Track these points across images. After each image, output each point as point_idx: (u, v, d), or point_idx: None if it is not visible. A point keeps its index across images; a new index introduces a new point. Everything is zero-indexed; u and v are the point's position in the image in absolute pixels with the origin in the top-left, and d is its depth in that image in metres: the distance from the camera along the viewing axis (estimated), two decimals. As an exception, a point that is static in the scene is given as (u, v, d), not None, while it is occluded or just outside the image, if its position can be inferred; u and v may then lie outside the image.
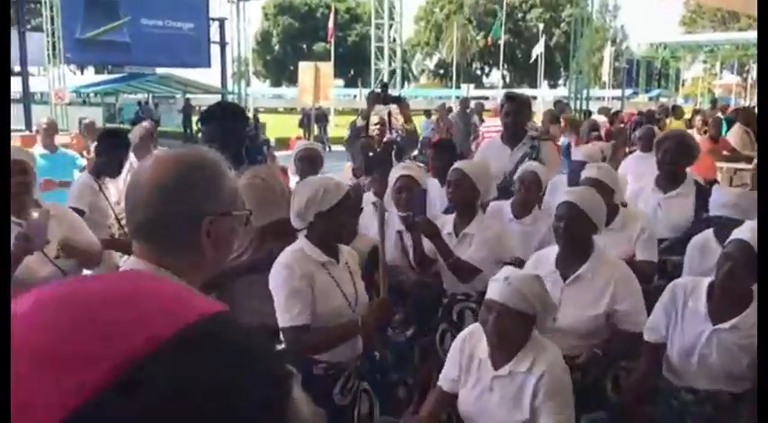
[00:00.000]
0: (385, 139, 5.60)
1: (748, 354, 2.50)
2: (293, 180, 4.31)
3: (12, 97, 37.99)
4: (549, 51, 46.86)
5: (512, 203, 3.87)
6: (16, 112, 23.68)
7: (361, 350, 2.80)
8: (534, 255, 3.25)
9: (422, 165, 4.29)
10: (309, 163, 4.35)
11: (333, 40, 36.52)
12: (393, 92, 6.36)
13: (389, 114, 6.19)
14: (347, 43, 55.93)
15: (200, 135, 3.61)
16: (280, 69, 61.19)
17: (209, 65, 24.85)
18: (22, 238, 2.65)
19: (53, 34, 19.74)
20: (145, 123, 6.26)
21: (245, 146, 3.19)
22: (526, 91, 44.96)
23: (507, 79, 64.75)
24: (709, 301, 2.62)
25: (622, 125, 12.79)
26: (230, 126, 3.28)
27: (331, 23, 34.28)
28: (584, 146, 5.89)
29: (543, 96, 35.66)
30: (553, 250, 3.05)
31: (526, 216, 3.82)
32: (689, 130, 11.60)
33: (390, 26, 26.34)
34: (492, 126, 11.32)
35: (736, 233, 2.58)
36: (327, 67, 12.46)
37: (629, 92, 40.45)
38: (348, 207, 2.72)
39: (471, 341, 2.54)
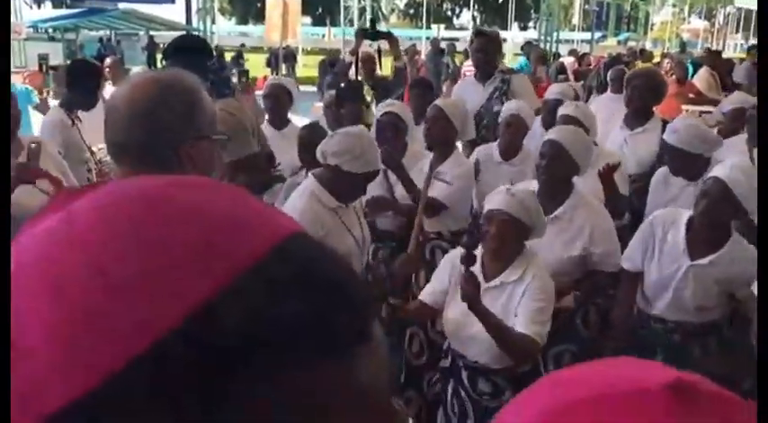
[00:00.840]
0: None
1: (720, 286, 2.63)
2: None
3: None
4: (519, -8, 46.25)
5: (498, 146, 3.85)
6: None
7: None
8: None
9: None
10: (275, 100, 4.23)
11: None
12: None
13: (379, 51, 6.07)
14: (315, -20, 54.48)
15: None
16: (245, 6, 59.42)
17: (172, 0, 24.10)
18: (21, 166, 2.59)
19: (7, -35, 18.88)
20: (110, 58, 6.15)
21: (210, 79, 3.12)
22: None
23: (478, 20, 63.92)
24: (687, 236, 2.68)
25: (590, 67, 12.82)
26: (193, 59, 3.21)
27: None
28: (559, 84, 5.88)
29: (513, 38, 35.34)
30: (532, 185, 3.04)
31: (514, 157, 3.79)
32: (657, 73, 11.75)
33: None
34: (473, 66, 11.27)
35: (714, 171, 2.65)
36: (295, 4, 12.16)
37: (598, 35, 40.29)
38: (369, 182, 2.76)
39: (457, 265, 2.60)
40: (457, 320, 2.55)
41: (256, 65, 24.13)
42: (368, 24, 6.11)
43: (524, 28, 60.47)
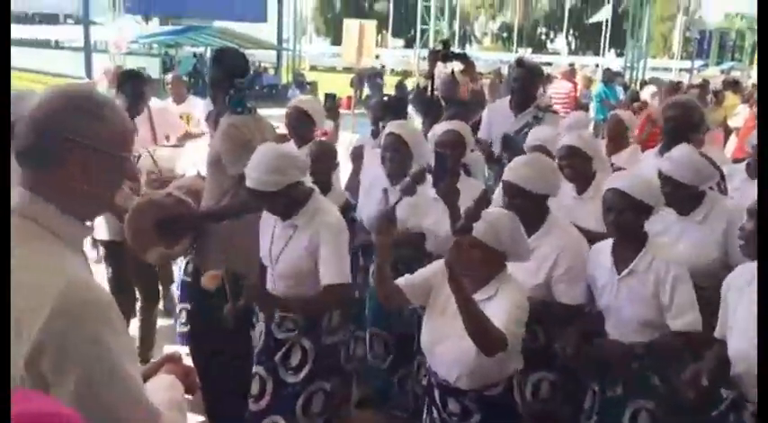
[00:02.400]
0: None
1: (655, 299, 2.65)
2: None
3: (74, 46, 38.56)
4: (617, 17, 45.24)
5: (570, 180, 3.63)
6: (79, 60, 24.40)
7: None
8: None
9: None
10: (292, 120, 4.21)
11: (392, -1, 36.03)
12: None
13: (452, 73, 6.06)
14: (409, 2, 55.18)
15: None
16: (340, 27, 60.76)
17: (265, 20, 24.98)
18: None
19: (114, -16, 20.16)
20: (174, 72, 6.54)
21: (229, 96, 3.21)
22: (590, 58, 43.58)
23: (573, 45, 62.95)
24: (613, 256, 2.78)
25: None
26: (220, 74, 3.31)
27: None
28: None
29: (608, 64, 34.49)
30: None
31: (585, 191, 3.55)
32: (743, 105, 11.17)
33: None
34: (561, 89, 11.34)
35: (609, 182, 2.74)
36: (372, 26, 12.37)
37: (698, 63, 38.82)
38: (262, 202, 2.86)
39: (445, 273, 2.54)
40: (431, 337, 2.54)
41: (344, 84, 24.62)
42: (440, 46, 6.10)
43: (621, 54, 58.96)
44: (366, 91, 20.97)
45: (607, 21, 37.80)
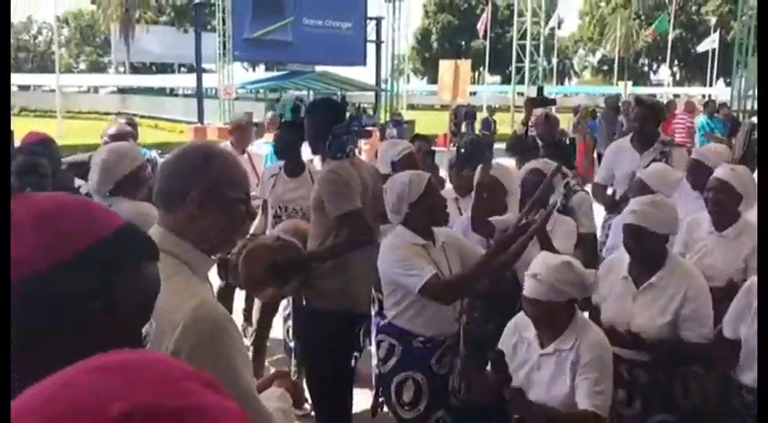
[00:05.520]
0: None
1: None
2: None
3: (187, 93, 40.26)
4: (726, 47, 43.56)
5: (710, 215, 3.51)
6: (191, 105, 25.98)
7: (456, 328, 3.10)
8: (607, 259, 3.27)
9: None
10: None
11: (489, 37, 36.27)
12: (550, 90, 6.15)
13: (546, 115, 6.17)
14: (506, 40, 55.39)
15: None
16: (437, 66, 61.49)
17: (364, 63, 25.73)
18: None
19: (224, 34, 21.39)
20: (243, 116, 6.92)
21: (327, 142, 3.40)
22: (697, 89, 42.06)
23: (677, 76, 61.05)
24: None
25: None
26: (321, 121, 3.50)
27: (482, 22, 33.73)
28: (712, 146, 5.64)
29: (717, 95, 33.23)
30: (626, 257, 2.99)
31: (726, 229, 3.40)
32: None
33: (546, 22, 25.78)
34: (683, 120, 11.45)
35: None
36: (466, 65, 12.64)
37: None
38: (434, 192, 2.98)
39: (522, 323, 2.65)
40: (520, 387, 2.58)
41: (441, 122, 24.92)
42: (535, 93, 6.20)
43: (730, 84, 56.51)
44: (463, 128, 21.18)
45: (714, 50, 36.40)
